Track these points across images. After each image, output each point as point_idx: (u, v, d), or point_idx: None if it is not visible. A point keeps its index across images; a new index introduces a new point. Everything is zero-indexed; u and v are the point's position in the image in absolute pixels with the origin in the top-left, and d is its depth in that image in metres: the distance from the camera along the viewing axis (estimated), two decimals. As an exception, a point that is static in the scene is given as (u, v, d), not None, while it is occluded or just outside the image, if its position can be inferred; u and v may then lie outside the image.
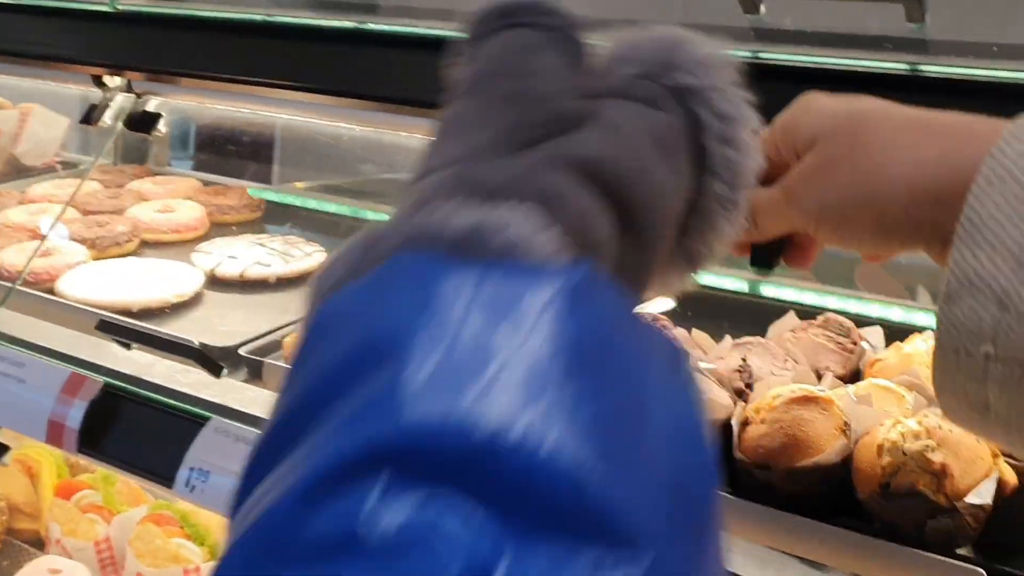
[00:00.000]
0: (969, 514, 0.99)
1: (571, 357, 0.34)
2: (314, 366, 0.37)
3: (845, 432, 1.09)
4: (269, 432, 0.37)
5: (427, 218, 0.41)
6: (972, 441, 1.03)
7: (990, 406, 0.53)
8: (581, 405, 0.33)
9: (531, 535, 0.30)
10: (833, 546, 1.05)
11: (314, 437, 0.33)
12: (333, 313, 0.39)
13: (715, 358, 1.31)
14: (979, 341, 0.52)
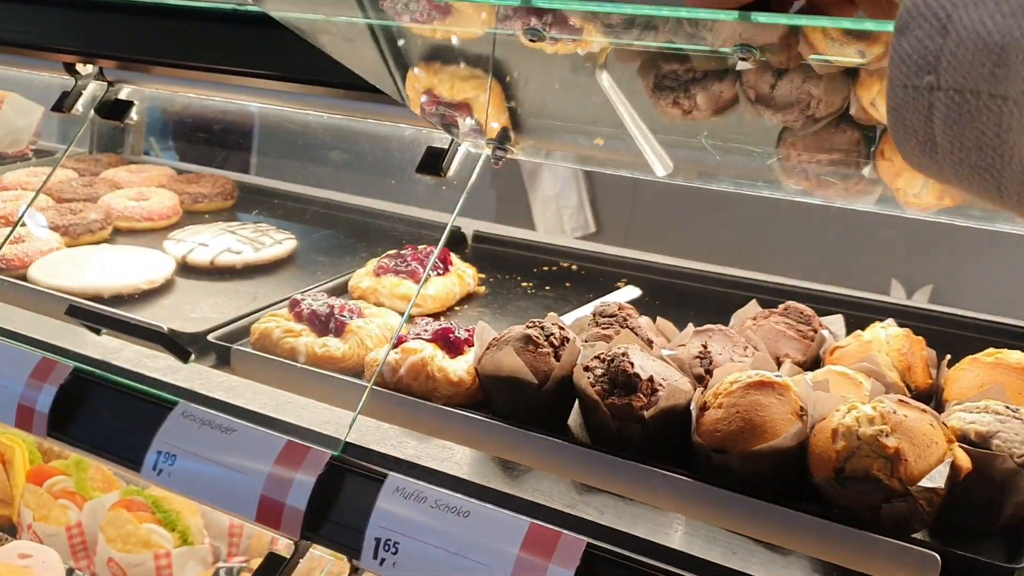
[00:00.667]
0: (923, 498, 1.01)
1: None
2: None
3: (801, 417, 1.11)
4: None
5: None
6: (927, 427, 1.05)
7: (937, 143, 0.53)
8: None
9: None
10: (789, 529, 1.06)
11: None
12: None
13: (677, 345, 1.33)
14: (923, 72, 0.52)
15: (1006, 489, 1.05)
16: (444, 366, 1.31)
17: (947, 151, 0.53)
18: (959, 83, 0.50)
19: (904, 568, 1.01)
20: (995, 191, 0.52)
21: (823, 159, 1.33)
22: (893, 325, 1.34)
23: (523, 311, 1.74)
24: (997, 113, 0.48)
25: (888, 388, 1.20)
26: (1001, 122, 0.48)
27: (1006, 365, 1.22)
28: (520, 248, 2.10)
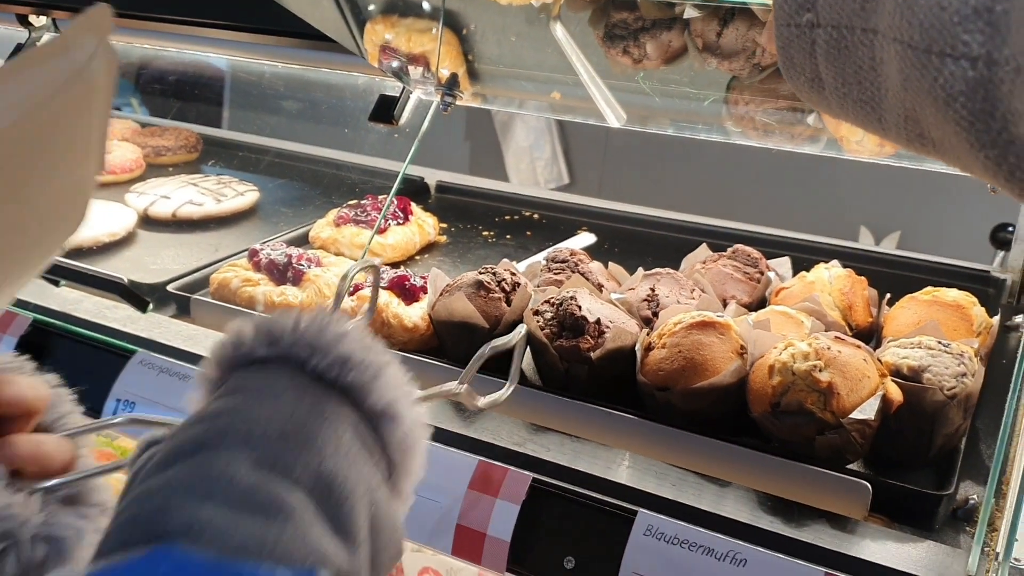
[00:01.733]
0: (855, 430, 1.05)
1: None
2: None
3: (742, 355, 1.14)
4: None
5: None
6: (860, 362, 1.08)
7: (823, 79, 0.55)
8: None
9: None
10: (728, 462, 1.10)
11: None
12: None
13: (626, 289, 1.36)
14: (803, 10, 0.54)
15: (936, 421, 1.09)
16: (399, 312, 1.33)
17: (832, 87, 0.55)
18: (835, 19, 0.52)
19: (837, 497, 1.05)
20: (877, 123, 0.54)
21: (769, 107, 1.36)
22: (837, 266, 1.37)
23: (483, 259, 1.76)
24: (870, 47, 0.51)
25: (829, 327, 1.24)
26: (874, 55, 0.51)
27: (942, 303, 1.26)
28: (483, 198, 2.12)
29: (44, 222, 0.73)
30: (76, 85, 0.64)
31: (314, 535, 0.55)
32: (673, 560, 0.98)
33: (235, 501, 0.54)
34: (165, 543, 0.50)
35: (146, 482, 0.57)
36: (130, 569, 0.48)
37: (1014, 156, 0.46)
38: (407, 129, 1.38)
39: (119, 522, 0.55)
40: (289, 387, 0.62)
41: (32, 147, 0.64)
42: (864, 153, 1.32)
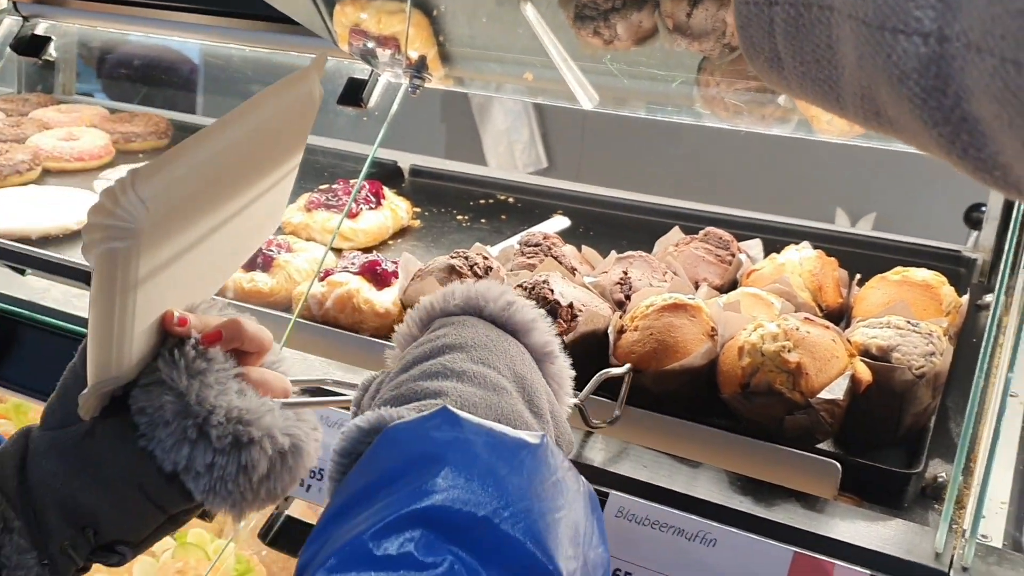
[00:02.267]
0: (824, 409, 1.06)
1: (542, 486, 0.65)
2: (378, 466, 0.66)
3: (712, 337, 1.14)
4: (345, 501, 0.65)
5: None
6: (829, 342, 1.09)
7: (782, 58, 0.55)
8: (544, 512, 0.63)
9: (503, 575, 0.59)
10: (700, 443, 1.10)
11: (382, 503, 0.62)
12: (392, 437, 0.68)
13: (599, 272, 1.36)
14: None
15: (905, 400, 1.10)
16: (370, 298, 1.33)
17: (791, 66, 0.55)
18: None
19: (807, 476, 1.06)
20: (836, 103, 0.54)
21: (740, 88, 1.36)
22: (807, 247, 1.37)
23: (456, 244, 1.76)
24: (827, 24, 0.50)
25: (799, 308, 1.24)
26: (831, 33, 0.50)
27: (911, 282, 1.26)
28: (457, 182, 2.11)
29: (255, 221, 0.93)
30: (300, 107, 0.86)
31: (520, 406, 0.75)
32: (644, 541, 0.98)
33: (467, 379, 0.74)
34: (444, 405, 0.69)
35: (393, 380, 0.78)
36: (425, 421, 0.67)
37: (966, 134, 0.46)
38: (376, 112, 1.37)
39: (381, 400, 0.76)
40: (478, 323, 0.82)
41: (264, 149, 0.85)
42: (834, 133, 1.32)
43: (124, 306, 0.73)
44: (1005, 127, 0.45)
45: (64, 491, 0.80)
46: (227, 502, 0.81)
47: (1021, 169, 0.46)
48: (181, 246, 0.79)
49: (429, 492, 0.61)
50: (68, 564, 0.81)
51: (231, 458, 0.79)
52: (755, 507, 1.00)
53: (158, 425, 0.79)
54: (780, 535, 0.95)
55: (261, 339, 0.87)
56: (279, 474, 0.83)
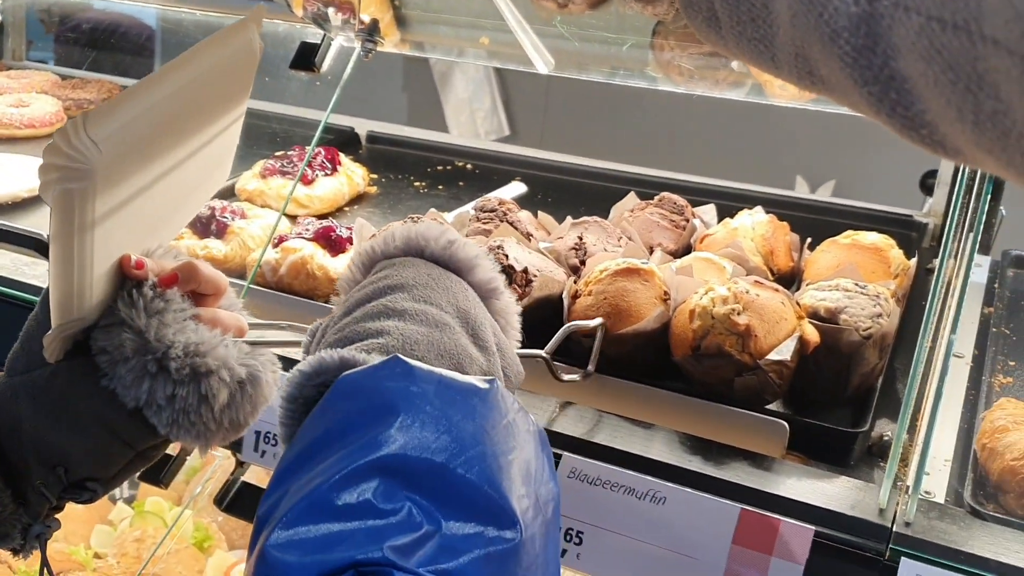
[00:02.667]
0: (772, 371, 1.07)
1: (493, 429, 0.66)
2: (332, 417, 0.67)
3: (665, 301, 1.15)
4: (300, 453, 0.66)
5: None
6: (778, 305, 1.10)
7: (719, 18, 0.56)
8: (497, 454, 0.65)
9: (458, 520, 0.61)
10: (652, 405, 1.12)
11: (339, 454, 0.63)
12: (345, 387, 0.68)
13: (555, 238, 1.36)
14: None
15: (853, 361, 1.12)
16: (324, 264, 1.32)
17: (728, 25, 0.55)
18: None
19: (757, 436, 1.08)
20: (771, 62, 0.54)
21: (694, 52, 1.36)
22: (760, 212, 1.39)
23: (413, 210, 1.75)
24: None
25: (750, 271, 1.25)
26: None
27: (860, 246, 1.28)
28: (415, 148, 2.10)
29: (205, 169, 0.96)
30: (240, 57, 0.89)
31: (463, 341, 0.76)
32: (595, 501, 0.99)
33: (409, 318, 0.76)
34: (394, 354, 0.70)
35: (338, 323, 0.79)
36: (376, 371, 0.68)
37: (894, 92, 0.47)
38: (329, 77, 1.35)
39: (326, 343, 0.78)
40: (419, 263, 0.83)
41: (208, 96, 0.87)
42: (786, 97, 1.33)
43: (82, 246, 0.76)
44: (931, 85, 0.45)
45: (33, 432, 0.83)
46: (191, 433, 0.84)
47: (946, 127, 0.47)
48: (135, 188, 0.81)
49: (385, 441, 0.63)
50: (42, 501, 0.85)
51: (191, 389, 0.82)
52: (704, 466, 1.01)
53: (118, 363, 0.81)
54: (728, 493, 0.97)
55: (217, 281, 0.90)
56: (240, 404, 0.86)
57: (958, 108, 0.44)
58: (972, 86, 0.43)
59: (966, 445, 1.12)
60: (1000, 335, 1.38)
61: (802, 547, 0.91)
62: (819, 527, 0.93)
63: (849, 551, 0.92)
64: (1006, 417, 1.06)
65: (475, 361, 0.76)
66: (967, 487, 1.03)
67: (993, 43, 0.41)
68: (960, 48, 0.42)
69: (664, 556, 0.95)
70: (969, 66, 0.42)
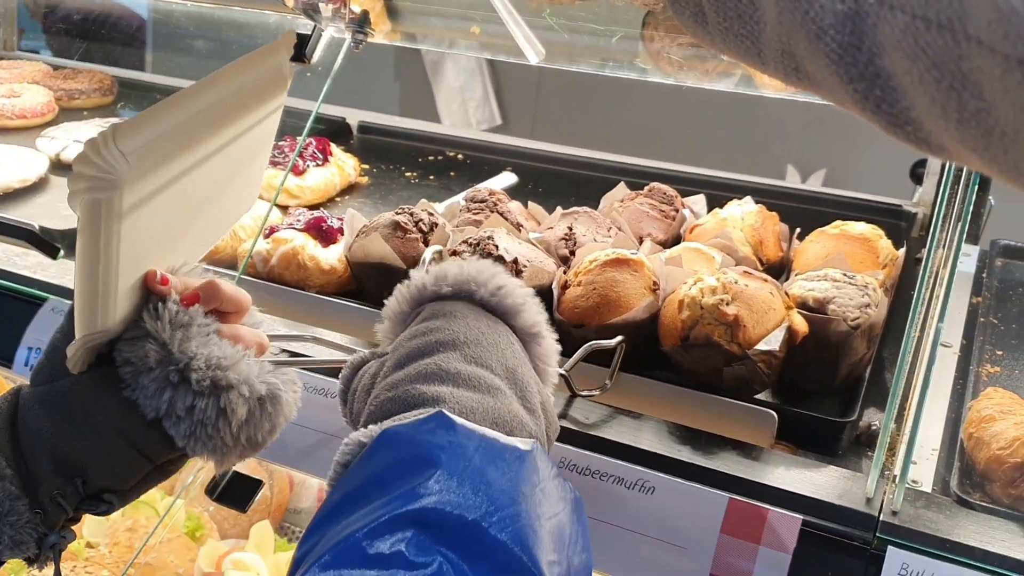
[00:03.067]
0: (761, 361, 1.08)
1: (530, 491, 0.67)
2: (374, 467, 0.68)
3: (655, 291, 1.16)
4: (341, 499, 0.67)
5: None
6: (766, 295, 1.11)
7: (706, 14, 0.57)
8: (531, 517, 0.65)
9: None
10: (641, 395, 1.13)
11: (377, 502, 0.63)
12: (388, 438, 0.69)
13: (545, 228, 1.36)
14: None
15: (841, 351, 1.13)
16: (316, 255, 1.32)
17: (715, 21, 0.56)
18: None
19: (746, 426, 1.08)
20: (757, 58, 0.55)
21: (683, 43, 1.36)
22: (749, 202, 1.39)
23: (404, 200, 1.75)
24: None
25: (740, 261, 1.26)
26: None
27: (849, 236, 1.29)
28: (407, 138, 2.10)
29: (232, 190, 0.96)
30: (270, 80, 0.89)
31: (515, 406, 0.77)
32: (586, 490, 1.00)
33: (463, 382, 0.76)
34: (438, 408, 0.71)
35: (388, 378, 0.79)
36: (420, 425, 0.70)
37: (880, 89, 0.47)
38: (320, 68, 1.35)
39: (379, 402, 0.77)
40: (469, 313, 0.84)
41: (237, 116, 0.87)
42: (776, 88, 1.33)
43: (108, 258, 0.77)
44: (915, 82, 0.46)
45: (53, 441, 0.84)
46: (207, 447, 0.85)
47: (931, 124, 0.47)
48: (161, 203, 0.83)
49: (422, 494, 0.63)
50: (58, 512, 0.85)
51: (210, 402, 0.83)
52: (693, 456, 1.02)
53: (141, 372, 0.83)
54: (717, 483, 0.98)
55: (239, 300, 0.91)
56: (259, 421, 0.87)
57: (942, 106, 0.45)
58: (956, 84, 0.43)
59: (953, 434, 1.13)
60: (988, 325, 1.39)
61: (790, 536, 0.92)
62: (807, 516, 0.94)
63: (836, 540, 0.93)
64: (993, 407, 1.07)
65: (525, 427, 0.76)
66: (954, 476, 1.04)
67: (977, 43, 0.41)
68: (944, 47, 0.43)
69: (653, 546, 0.96)
70: (953, 65, 0.43)
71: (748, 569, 0.92)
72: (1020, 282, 1.53)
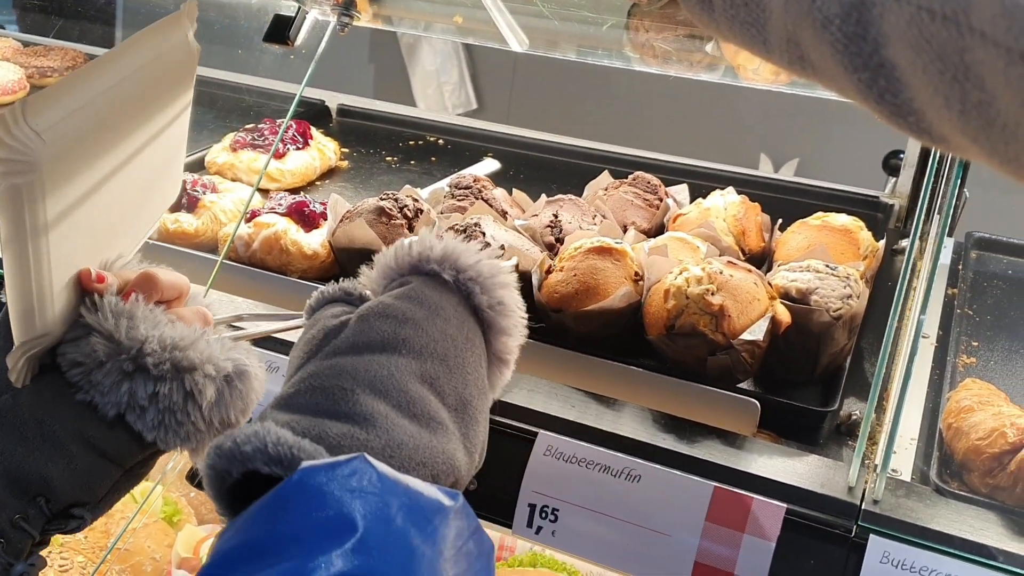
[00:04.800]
0: (745, 350, 1.09)
1: (451, 554, 0.63)
2: (287, 516, 0.60)
3: (636, 281, 1.16)
4: (247, 544, 0.60)
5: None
6: (751, 285, 1.12)
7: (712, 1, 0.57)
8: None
9: None
10: (626, 383, 1.13)
11: (289, 563, 0.57)
12: (302, 487, 0.62)
13: (530, 215, 1.37)
14: None
15: (822, 341, 1.14)
16: (298, 239, 1.32)
17: (721, 8, 0.56)
18: None
19: (728, 415, 1.09)
20: (762, 46, 0.55)
21: (669, 34, 1.36)
22: (732, 192, 1.40)
23: (385, 185, 1.74)
24: None
25: (723, 251, 1.27)
26: None
27: (831, 227, 1.30)
28: (386, 122, 2.09)
29: (154, 175, 0.92)
30: (177, 55, 0.84)
31: (451, 447, 0.72)
32: (572, 478, 1.00)
33: (404, 406, 0.71)
34: (361, 454, 0.64)
35: (335, 358, 0.75)
36: (340, 468, 0.63)
37: (884, 79, 0.48)
38: (303, 50, 1.34)
39: (309, 384, 0.72)
40: (450, 319, 0.79)
41: (149, 93, 0.82)
42: (760, 81, 1.34)
43: (38, 251, 0.71)
44: (919, 73, 0.46)
45: (7, 462, 0.77)
46: (179, 435, 0.80)
47: (933, 115, 0.48)
48: (85, 189, 0.77)
49: (338, 560, 0.58)
50: (23, 538, 0.77)
51: (173, 386, 0.78)
52: (678, 444, 1.03)
53: (93, 370, 0.78)
54: (701, 471, 0.99)
55: (178, 285, 0.86)
56: (231, 401, 0.82)
57: (945, 97, 0.45)
58: (959, 76, 0.44)
59: (932, 424, 1.15)
60: (964, 316, 1.41)
61: (774, 524, 0.93)
62: (790, 504, 0.95)
63: (818, 528, 0.94)
64: (971, 397, 1.08)
65: (454, 472, 0.72)
66: (933, 466, 1.06)
67: (980, 36, 0.42)
68: (948, 39, 0.43)
69: (638, 534, 0.97)
70: (957, 56, 0.43)
71: (732, 557, 0.93)
72: (995, 274, 1.55)
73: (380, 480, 0.63)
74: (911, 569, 0.89)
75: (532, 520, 1.00)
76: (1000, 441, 1.01)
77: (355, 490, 0.62)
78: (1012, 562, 0.88)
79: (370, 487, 0.62)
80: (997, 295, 1.48)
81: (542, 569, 1.51)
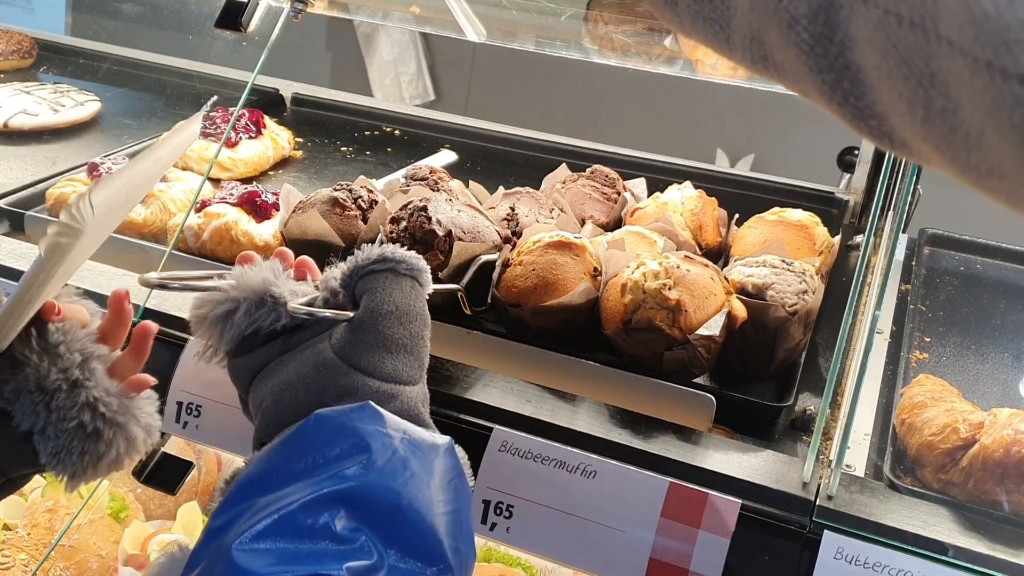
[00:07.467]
0: (701, 345, 1.08)
1: (443, 483, 0.75)
2: (304, 445, 0.73)
3: (595, 276, 1.15)
4: (266, 472, 0.73)
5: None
6: (707, 280, 1.11)
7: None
8: (443, 504, 0.74)
9: (405, 556, 0.70)
10: (582, 378, 1.12)
11: (309, 480, 0.70)
12: (319, 421, 0.75)
13: (487, 208, 1.35)
14: None
15: (778, 336, 1.14)
16: (249, 230, 1.29)
17: (685, 4, 0.55)
18: None
19: (685, 409, 1.09)
20: (725, 43, 0.54)
21: (628, 27, 1.35)
22: (689, 187, 1.40)
23: (340, 176, 1.72)
24: None
25: (680, 246, 1.26)
26: None
27: (787, 223, 1.30)
28: (342, 112, 2.06)
29: (123, 215, 1.03)
30: (186, 139, 0.98)
31: (423, 410, 0.83)
32: (527, 474, 0.99)
33: (388, 368, 0.82)
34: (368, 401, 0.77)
35: (354, 337, 0.84)
36: (351, 412, 0.76)
37: (848, 82, 0.47)
38: (256, 37, 1.31)
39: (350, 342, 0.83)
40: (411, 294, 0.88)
41: (156, 169, 0.96)
42: (717, 75, 1.34)
43: (38, 292, 0.83)
44: (884, 77, 0.46)
45: None
46: (67, 471, 0.88)
47: (896, 120, 0.47)
48: (92, 244, 0.90)
49: (352, 475, 0.70)
50: None
51: (84, 432, 0.87)
52: (633, 439, 1.02)
53: (22, 392, 0.86)
54: (657, 466, 0.98)
55: (79, 316, 0.93)
56: (124, 455, 0.91)
57: (909, 102, 0.45)
58: (924, 82, 0.43)
59: (885, 420, 1.15)
60: (917, 312, 1.42)
61: (729, 520, 0.93)
62: (745, 500, 0.95)
63: (773, 524, 0.94)
64: (924, 393, 1.09)
65: (428, 427, 0.82)
66: (886, 461, 1.06)
67: (947, 43, 0.41)
68: (915, 44, 0.43)
69: (593, 530, 0.96)
70: (922, 62, 0.43)
71: (687, 552, 0.93)
72: (947, 270, 1.57)
73: (383, 419, 0.76)
74: (864, 564, 0.89)
75: (487, 517, 0.98)
76: (953, 437, 1.01)
77: (364, 425, 0.75)
78: (964, 557, 0.89)
79: (376, 424, 0.75)
80: (950, 291, 1.50)
81: (496, 564, 1.50)
